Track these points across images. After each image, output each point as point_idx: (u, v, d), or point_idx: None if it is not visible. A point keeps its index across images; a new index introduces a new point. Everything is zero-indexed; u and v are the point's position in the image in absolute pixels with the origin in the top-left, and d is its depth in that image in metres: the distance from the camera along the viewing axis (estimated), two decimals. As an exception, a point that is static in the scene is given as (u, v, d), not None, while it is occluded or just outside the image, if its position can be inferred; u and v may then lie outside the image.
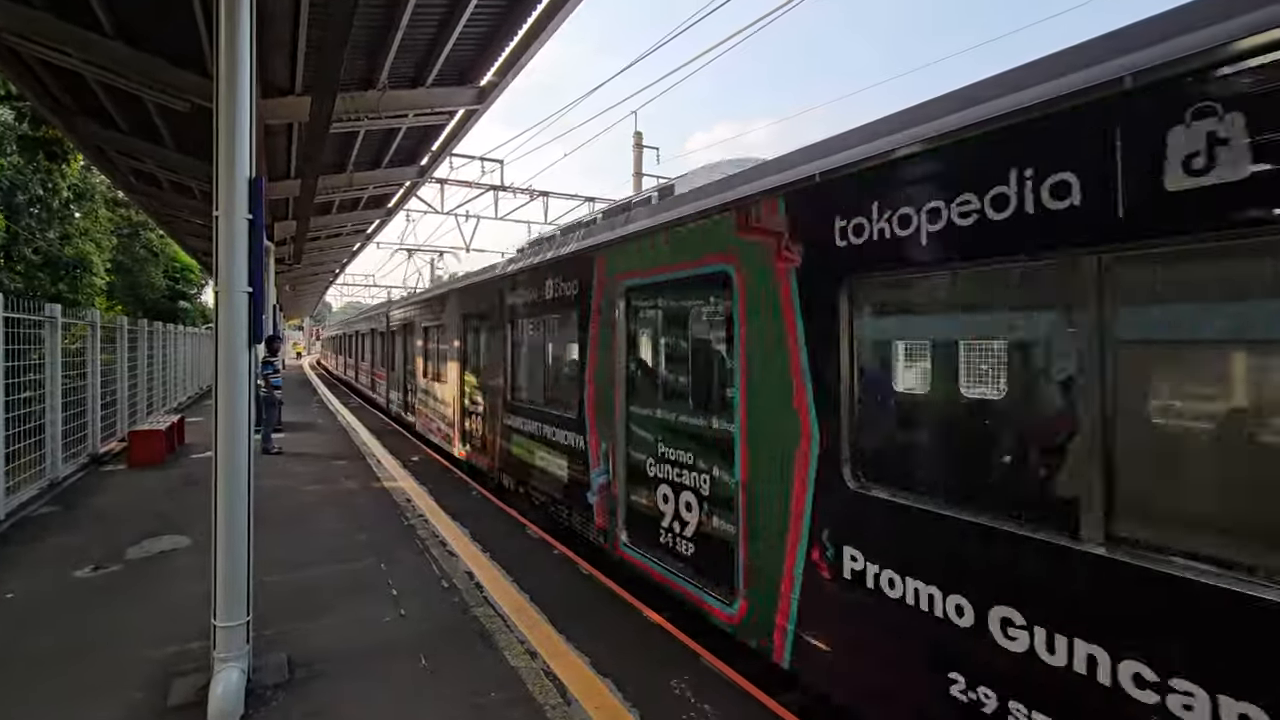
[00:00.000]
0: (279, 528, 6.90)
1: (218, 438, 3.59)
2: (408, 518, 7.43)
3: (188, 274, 35.01)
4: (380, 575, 5.62)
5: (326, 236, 21.48)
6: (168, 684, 3.80)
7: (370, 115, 9.89)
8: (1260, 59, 2.01)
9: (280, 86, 9.17)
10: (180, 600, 4.98)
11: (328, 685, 3.83)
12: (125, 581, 5.46)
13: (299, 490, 8.76)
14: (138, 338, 13.49)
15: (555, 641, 4.43)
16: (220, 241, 3.56)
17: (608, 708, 3.64)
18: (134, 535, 6.61)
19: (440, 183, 20.24)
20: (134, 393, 13.26)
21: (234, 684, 3.49)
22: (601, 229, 6.06)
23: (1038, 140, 2.55)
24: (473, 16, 7.88)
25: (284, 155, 12.13)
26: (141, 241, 29.59)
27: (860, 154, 3.33)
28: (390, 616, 4.80)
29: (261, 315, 3.74)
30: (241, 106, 3.57)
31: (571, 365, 6.55)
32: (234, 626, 3.61)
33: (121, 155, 12.34)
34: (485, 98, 10.06)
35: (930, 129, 2.98)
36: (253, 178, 3.63)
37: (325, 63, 7.14)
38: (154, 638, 4.38)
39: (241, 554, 3.65)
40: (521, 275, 7.76)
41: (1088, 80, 2.41)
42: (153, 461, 10.33)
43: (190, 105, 8.77)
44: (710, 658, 4.24)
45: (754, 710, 3.69)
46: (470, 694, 3.75)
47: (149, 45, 7.96)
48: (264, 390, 11.53)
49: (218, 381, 3.61)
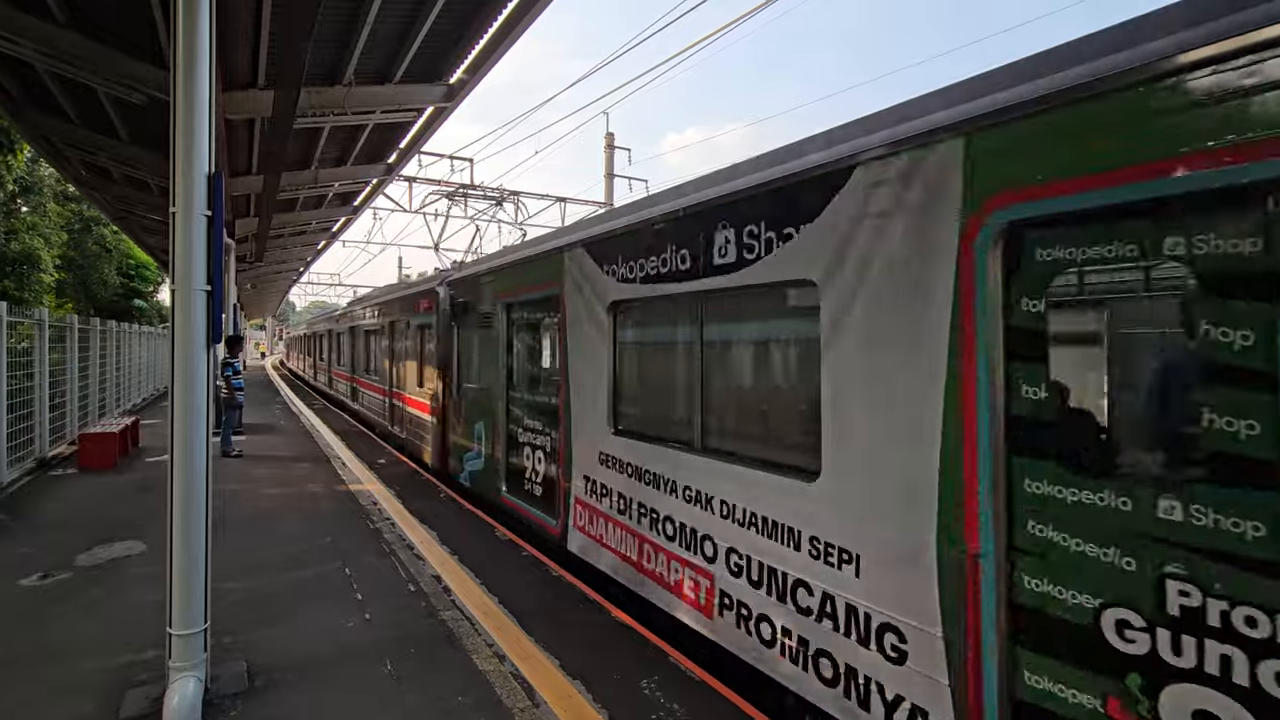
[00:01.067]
0: (239, 533, 6.73)
1: (174, 439, 3.49)
2: (373, 521, 7.30)
3: (143, 271, 33.84)
4: (345, 580, 5.52)
5: (290, 234, 21.00)
6: (120, 695, 3.67)
7: (336, 111, 9.69)
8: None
9: (242, 80, 8.93)
10: (134, 608, 4.82)
11: (289, 694, 3.75)
12: (75, 589, 5.26)
13: (260, 494, 8.54)
14: (89, 337, 13.03)
15: (524, 643, 4.41)
16: (177, 238, 3.45)
17: (577, 709, 3.63)
18: (85, 541, 6.38)
19: (409, 180, 19.96)
20: (85, 394, 12.80)
21: (190, 694, 3.39)
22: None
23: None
24: (442, 12, 7.78)
25: (246, 150, 11.81)
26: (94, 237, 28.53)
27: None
28: (355, 622, 4.71)
29: (220, 314, 3.64)
30: (200, 100, 3.47)
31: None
32: (190, 634, 3.50)
33: (72, 147, 11.87)
34: (455, 95, 9.94)
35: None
36: (212, 173, 3.53)
37: (288, 56, 6.99)
38: (106, 647, 4.23)
39: (199, 559, 3.54)
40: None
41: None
42: (105, 465, 9.97)
43: (146, 98, 8.49)
44: (679, 657, 4.26)
45: (724, 709, 3.71)
46: (437, 699, 3.71)
47: (103, 35, 7.68)
48: (224, 391, 11.28)
49: (174, 382, 3.50)
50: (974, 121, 2.69)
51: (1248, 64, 1.99)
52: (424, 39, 8.39)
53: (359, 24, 7.77)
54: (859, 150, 3.22)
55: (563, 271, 6.07)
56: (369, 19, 7.62)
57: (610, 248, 5.36)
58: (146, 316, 32.37)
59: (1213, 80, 2.06)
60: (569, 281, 5.97)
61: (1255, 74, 1.98)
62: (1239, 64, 2.00)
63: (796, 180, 3.63)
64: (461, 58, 9.17)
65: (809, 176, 3.53)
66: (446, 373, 9.77)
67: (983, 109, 2.67)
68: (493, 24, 8.20)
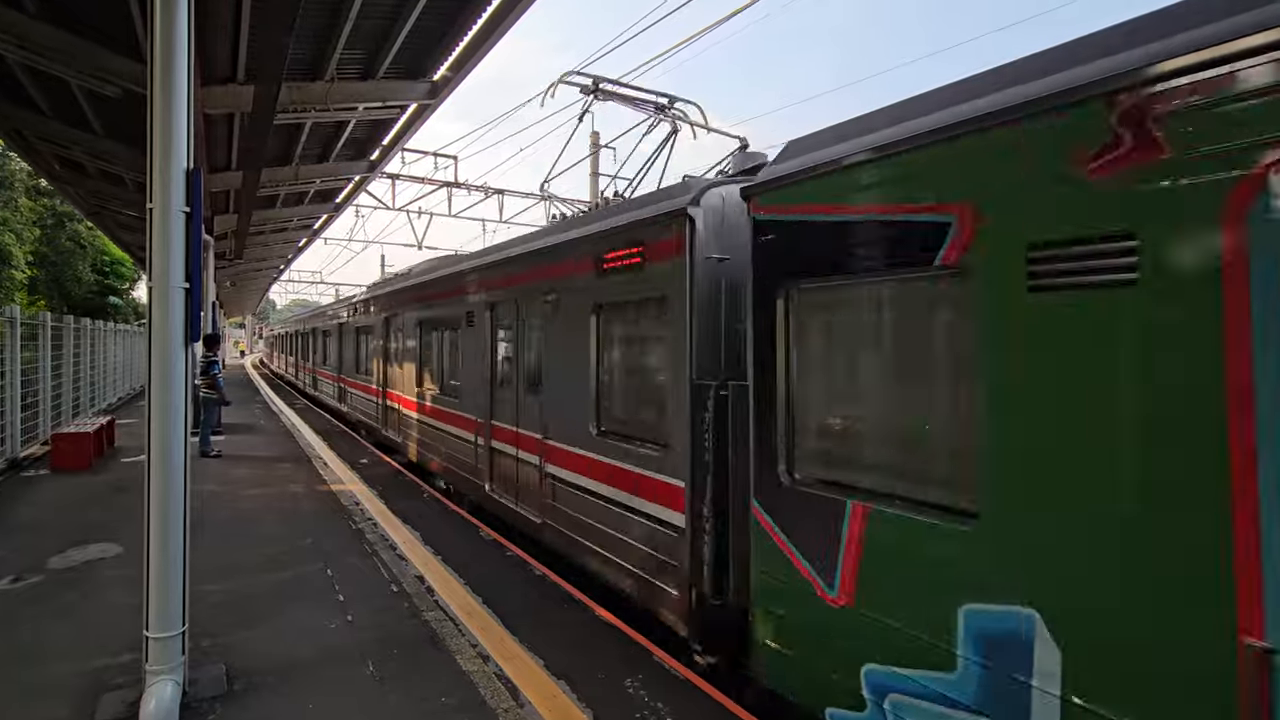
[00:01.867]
0: (218, 534, 6.63)
1: (151, 439, 3.43)
2: (356, 521, 7.23)
3: (119, 268, 33.23)
4: (326, 581, 5.46)
5: (271, 231, 20.68)
6: (95, 700, 3.60)
7: (318, 107, 9.56)
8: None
9: (221, 74, 8.78)
10: (109, 611, 4.74)
11: (269, 697, 3.70)
12: (48, 593, 5.15)
13: (240, 495, 8.42)
14: (63, 335, 12.79)
15: (508, 644, 4.39)
16: (155, 235, 3.39)
17: (561, 709, 3.63)
18: (58, 544, 6.25)
19: (392, 178, 19.77)
20: (59, 393, 12.55)
21: (167, 698, 3.33)
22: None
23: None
24: (426, 8, 7.71)
25: (225, 146, 11.61)
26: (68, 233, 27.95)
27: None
28: (337, 623, 4.67)
29: (199, 312, 3.59)
30: (178, 94, 3.42)
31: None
32: (168, 637, 3.44)
33: (45, 141, 11.60)
34: (438, 93, 9.85)
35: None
36: (190, 169, 3.48)
37: (269, 51, 6.89)
38: (80, 651, 4.15)
39: (177, 561, 3.49)
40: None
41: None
42: (80, 466, 9.76)
43: (122, 91, 8.32)
44: (663, 655, 4.27)
45: (707, 707, 3.73)
46: (420, 700, 3.68)
47: (78, 27, 7.52)
48: (203, 390, 11.15)
49: (151, 381, 3.44)
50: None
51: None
52: (407, 35, 8.31)
53: (341, 19, 7.68)
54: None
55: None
56: (351, 14, 7.53)
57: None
58: (122, 314, 31.77)
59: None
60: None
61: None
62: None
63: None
64: (445, 55, 9.09)
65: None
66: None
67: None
68: (477, 21, 8.14)
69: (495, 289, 7.49)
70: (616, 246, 5.18)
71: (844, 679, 3.18)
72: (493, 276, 7.57)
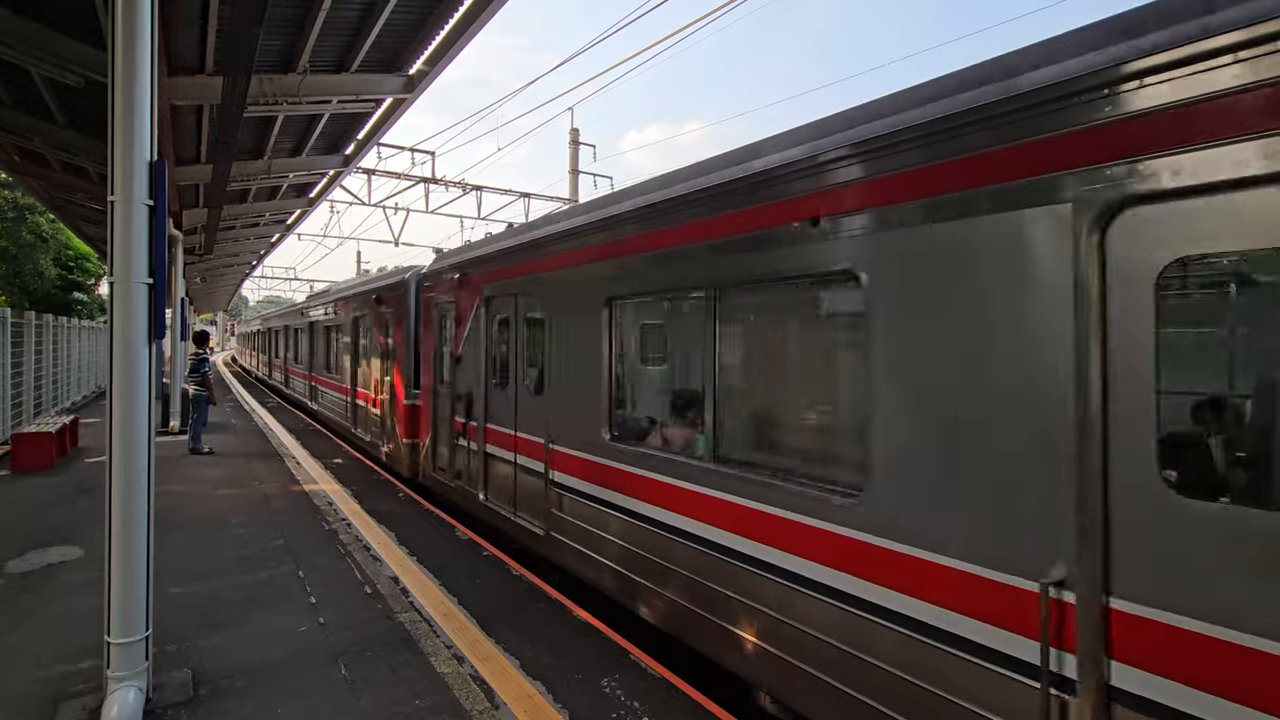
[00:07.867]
0: (186, 535, 6.48)
1: (112, 439, 3.33)
2: (329, 522, 7.11)
3: (84, 263, 32.24)
4: (298, 583, 5.36)
5: (242, 226, 20.24)
6: (54, 708, 3.49)
7: (290, 100, 9.36)
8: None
9: (189, 65, 8.56)
10: (70, 616, 4.60)
11: (236, 702, 3.62)
12: (6, 597, 4.98)
13: (210, 495, 8.24)
14: (24, 331, 12.41)
15: (484, 645, 4.34)
16: (116, 229, 3.29)
17: (537, 710, 3.60)
18: (18, 547, 6.05)
19: (367, 173, 19.48)
20: (19, 392, 12.17)
21: (130, 705, 3.24)
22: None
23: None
24: (402, 1, 7.60)
25: (194, 138, 11.33)
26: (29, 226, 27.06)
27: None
28: (307, 625, 4.58)
29: (164, 309, 3.49)
30: (141, 84, 3.31)
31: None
32: (130, 643, 3.35)
33: (3, 131, 11.22)
34: (414, 87, 9.70)
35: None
36: (154, 160, 3.38)
37: (238, 41, 6.72)
38: (39, 658, 4.03)
39: (140, 564, 3.39)
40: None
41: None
42: (41, 466, 9.49)
43: (84, 81, 8.07)
44: (641, 655, 4.26)
45: (684, 706, 3.72)
46: (393, 703, 3.63)
47: (37, 12, 7.27)
48: (193, 390, 10.98)
49: (113, 379, 3.34)
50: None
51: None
52: (383, 27, 8.16)
53: (314, 10, 7.51)
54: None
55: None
56: (325, 5, 7.38)
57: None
58: (87, 310, 30.89)
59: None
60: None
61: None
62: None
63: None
64: (422, 48, 8.96)
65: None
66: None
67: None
68: (453, 15, 8.04)
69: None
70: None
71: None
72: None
